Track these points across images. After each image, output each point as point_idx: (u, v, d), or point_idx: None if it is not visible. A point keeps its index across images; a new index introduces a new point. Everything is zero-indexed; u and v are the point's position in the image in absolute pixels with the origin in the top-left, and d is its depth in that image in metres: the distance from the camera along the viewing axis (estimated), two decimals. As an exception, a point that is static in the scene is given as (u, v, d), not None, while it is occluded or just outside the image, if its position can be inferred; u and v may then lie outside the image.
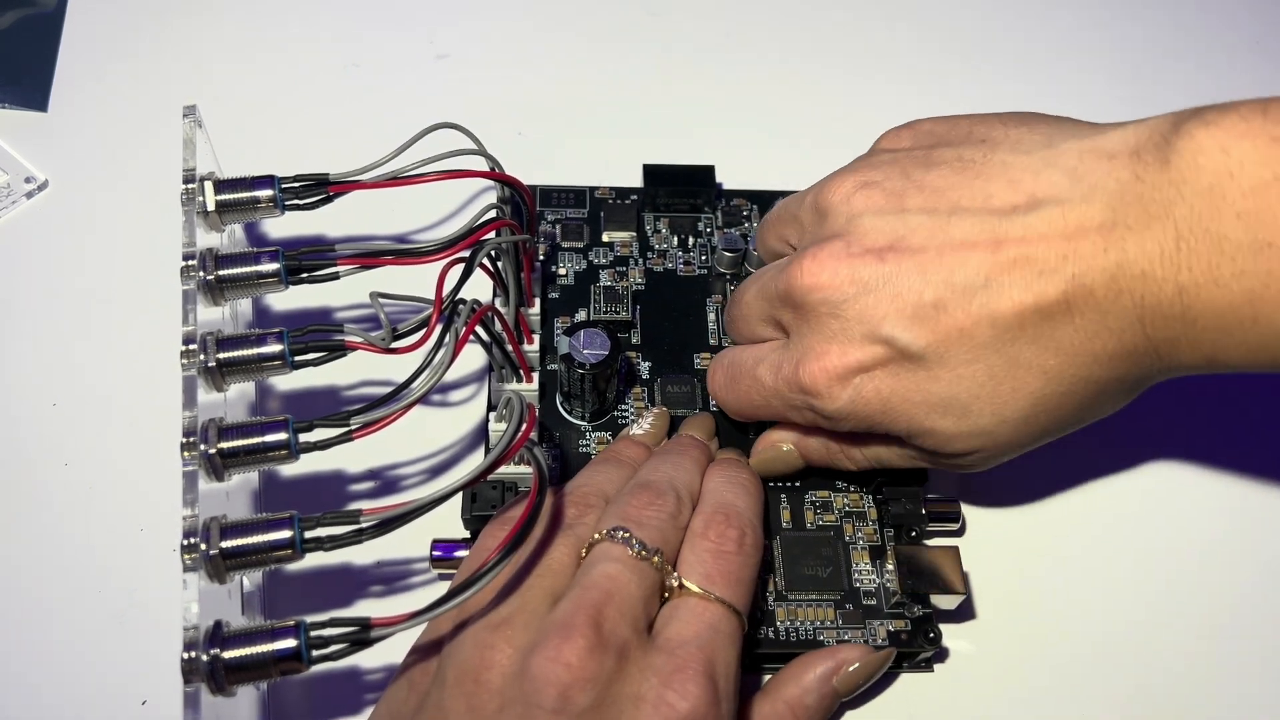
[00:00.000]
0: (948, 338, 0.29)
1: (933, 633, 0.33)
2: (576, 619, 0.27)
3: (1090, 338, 0.28)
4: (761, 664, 0.34)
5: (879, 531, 0.35)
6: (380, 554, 0.35)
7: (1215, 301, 0.26)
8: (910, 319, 0.29)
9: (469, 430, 0.38)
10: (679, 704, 0.26)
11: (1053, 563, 0.37)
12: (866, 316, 0.30)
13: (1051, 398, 0.30)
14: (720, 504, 0.32)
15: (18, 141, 0.45)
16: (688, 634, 0.28)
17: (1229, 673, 0.35)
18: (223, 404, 0.32)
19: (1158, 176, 0.27)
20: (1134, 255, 0.27)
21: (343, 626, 0.27)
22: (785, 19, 0.52)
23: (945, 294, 0.29)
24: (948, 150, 0.32)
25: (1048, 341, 0.29)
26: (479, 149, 0.36)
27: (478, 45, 0.50)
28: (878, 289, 0.30)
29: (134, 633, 0.34)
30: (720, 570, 0.30)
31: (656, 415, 0.36)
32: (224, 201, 0.34)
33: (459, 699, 0.26)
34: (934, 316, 0.29)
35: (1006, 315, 0.29)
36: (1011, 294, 0.28)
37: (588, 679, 0.26)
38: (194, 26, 0.49)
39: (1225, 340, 0.27)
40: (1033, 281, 0.28)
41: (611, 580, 0.28)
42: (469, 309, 0.32)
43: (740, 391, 0.35)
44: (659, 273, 0.41)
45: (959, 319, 0.29)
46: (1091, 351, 0.28)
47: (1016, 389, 0.29)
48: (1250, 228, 0.25)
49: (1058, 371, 0.29)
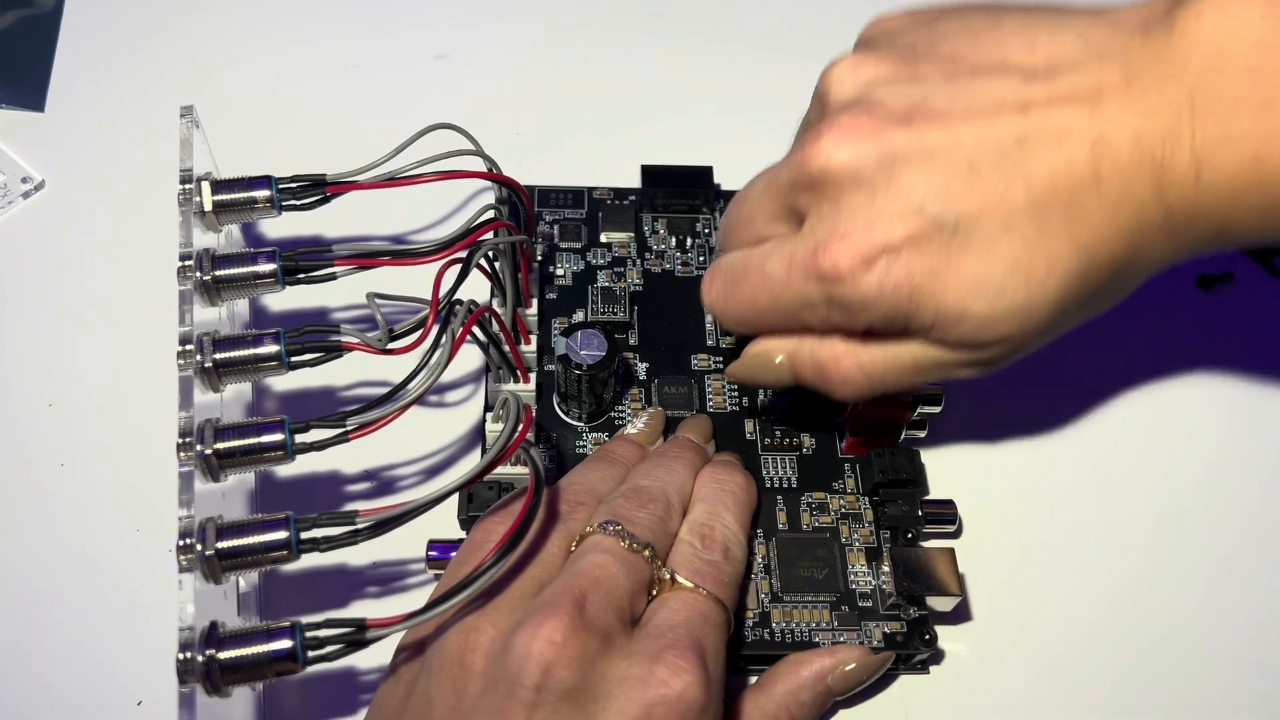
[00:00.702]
0: (983, 205, 0.28)
1: (928, 634, 0.33)
2: (560, 600, 0.26)
3: (1114, 208, 0.28)
4: (752, 665, 0.33)
5: (875, 533, 0.35)
6: (376, 555, 0.35)
7: (1225, 163, 0.27)
8: (942, 187, 0.28)
9: (466, 431, 0.38)
10: (671, 680, 0.26)
11: (1049, 565, 0.37)
12: (896, 187, 0.28)
13: (1081, 275, 0.28)
14: (706, 519, 0.31)
15: (14, 142, 0.45)
16: (677, 619, 0.28)
17: (1228, 676, 0.35)
18: (219, 404, 0.32)
19: (1166, 40, 0.27)
20: (1153, 116, 0.27)
21: (338, 627, 0.27)
22: (785, 19, 0.52)
23: (979, 156, 0.28)
24: (953, 22, 0.31)
25: (1078, 211, 0.28)
26: (476, 149, 0.36)
27: (476, 46, 0.49)
28: (906, 157, 0.28)
29: (130, 633, 0.34)
30: (710, 573, 0.30)
31: (652, 415, 0.36)
32: (221, 202, 0.34)
33: (444, 683, 0.26)
34: (968, 182, 0.28)
35: (1041, 181, 0.28)
36: (1044, 157, 0.28)
37: (571, 657, 0.25)
38: (192, 26, 0.49)
39: (1234, 206, 0.27)
40: (1063, 144, 0.28)
41: (600, 569, 0.28)
42: (466, 309, 0.32)
43: (743, 294, 0.32)
44: (657, 274, 0.41)
45: (994, 184, 0.28)
46: (1116, 224, 0.28)
47: (1051, 265, 0.28)
48: (1256, 86, 0.26)
49: (1087, 246, 0.28)
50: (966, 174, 0.28)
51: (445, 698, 0.26)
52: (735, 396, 0.38)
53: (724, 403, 0.38)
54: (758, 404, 0.38)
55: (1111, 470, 0.39)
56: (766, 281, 0.31)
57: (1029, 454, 0.39)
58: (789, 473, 0.36)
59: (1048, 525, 0.38)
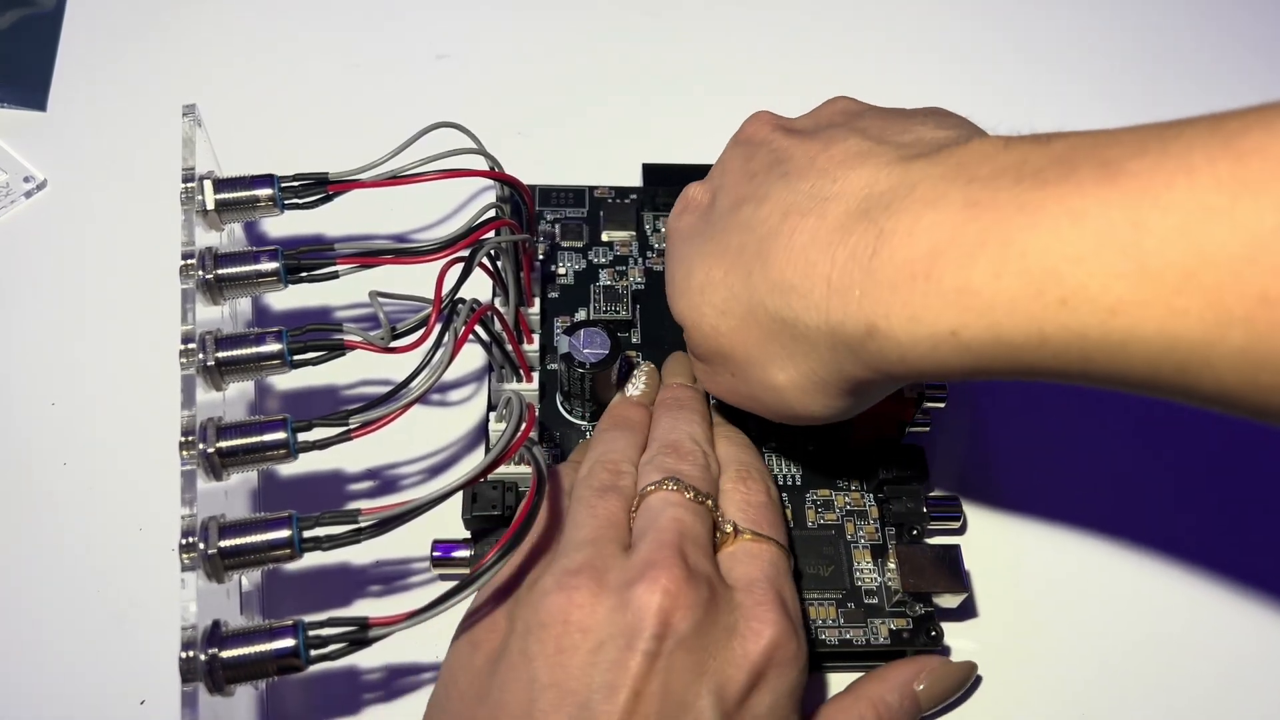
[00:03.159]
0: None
1: (934, 631, 0.33)
2: (663, 553, 0.28)
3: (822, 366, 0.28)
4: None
5: (880, 530, 0.35)
6: (379, 554, 0.35)
7: (899, 250, 0.25)
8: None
9: (468, 430, 0.38)
10: (766, 632, 0.28)
11: (1054, 561, 0.37)
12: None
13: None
14: (744, 461, 0.33)
15: (16, 141, 0.45)
16: (755, 573, 0.30)
17: (1234, 668, 0.35)
18: (221, 403, 0.32)
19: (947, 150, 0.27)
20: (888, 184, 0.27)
21: (341, 626, 0.27)
22: (785, 19, 0.52)
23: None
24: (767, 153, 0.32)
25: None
26: (479, 148, 0.35)
27: (478, 45, 0.49)
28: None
29: (131, 632, 0.34)
30: (763, 517, 0.31)
31: (648, 373, 0.37)
32: (223, 200, 0.34)
33: (546, 641, 0.27)
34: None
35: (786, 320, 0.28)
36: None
37: (688, 605, 0.27)
38: (193, 26, 0.49)
39: (891, 300, 0.25)
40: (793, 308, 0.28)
41: (680, 522, 0.29)
42: (468, 308, 0.32)
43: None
44: (659, 272, 0.41)
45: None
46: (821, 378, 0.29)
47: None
48: (969, 189, 0.25)
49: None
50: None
51: (549, 655, 0.26)
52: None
53: (727, 400, 0.38)
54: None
55: (1116, 466, 0.39)
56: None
57: (1033, 450, 0.39)
58: (794, 470, 0.36)
59: (1053, 522, 0.37)
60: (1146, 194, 0.22)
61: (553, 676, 0.26)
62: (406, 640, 0.29)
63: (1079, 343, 0.23)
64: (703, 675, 0.27)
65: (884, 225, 0.26)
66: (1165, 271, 0.21)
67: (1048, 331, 0.23)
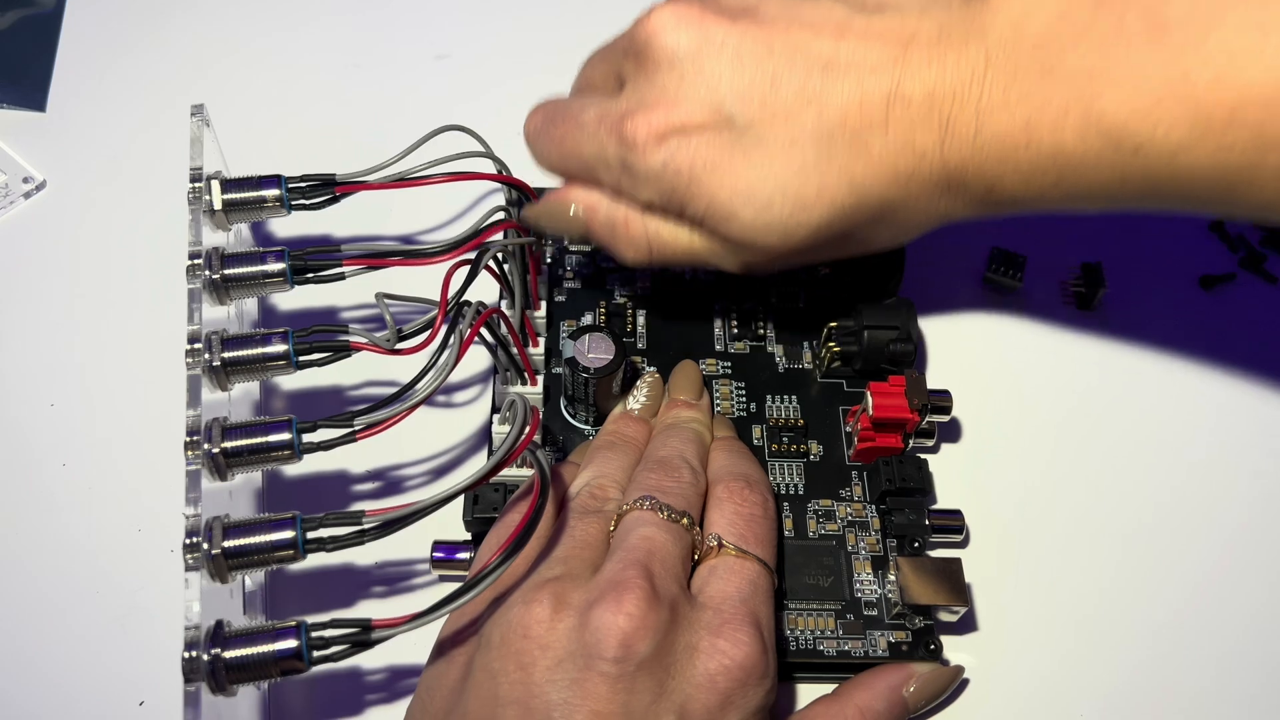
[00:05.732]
0: (774, 116, 0.30)
1: (934, 644, 0.33)
2: (629, 574, 0.27)
3: (896, 152, 0.30)
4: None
5: (881, 542, 0.35)
6: (382, 555, 0.35)
7: (1000, 124, 0.29)
8: (745, 89, 0.30)
9: (472, 432, 0.38)
10: (732, 651, 0.27)
11: (1055, 575, 0.37)
12: (704, 77, 0.31)
13: (846, 210, 0.31)
14: (739, 473, 0.33)
15: (16, 141, 0.45)
16: (729, 590, 0.29)
17: (1234, 683, 0.35)
18: (227, 403, 0.32)
19: (981, 6, 0.30)
20: (950, 73, 0.30)
21: (344, 627, 0.27)
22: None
23: (783, 72, 0.30)
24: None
25: (860, 149, 0.30)
26: (486, 151, 0.36)
27: (483, 46, 0.49)
28: (721, 51, 0.31)
29: (131, 633, 0.34)
30: (751, 531, 0.31)
31: (651, 384, 0.36)
32: (231, 200, 0.34)
33: (508, 658, 0.27)
34: (767, 91, 0.30)
35: (833, 111, 0.30)
36: (842, 89, 0.30)
37: (649, 628, 0.26)
38: (193, 26, 0.49)
39: (1004, 167, 0.30)
40: (863, 78, 0.30)
41: (650, 541, 0.29)
42: (474, 311, 0.32)
43: (556, 134, 0.34)
44: (665, 277, 0.41)
45: (789, 102, 0.30)
46: (893, 169, 0.30)
47: (821, 193, 0.31)
48: (1039, 57, 0.29)
49: (862, 182, 0.31)
50: (768, 84, 0.30)
51: (510, 672, 0.26)
52: (743, 402, 0.38)
53: (731, 408, 0.38)
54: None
55: (1117, 478, 0.39)
56: (577, 128, 0.33)
57: (1035, 464, 0.39)
58: (796, 479, 0.36)
59: (1054, 536, 0.37)
60: (1188, 48, 0.26)
61: (514, 694, 0.26)
62: (409, 642, 0.29)
63: (1150, 181, 0.28)
64: (663, 695, 0.26)
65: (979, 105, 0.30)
66: (1214, 113, 0.26)
67: (1126, 175, 0.28)
